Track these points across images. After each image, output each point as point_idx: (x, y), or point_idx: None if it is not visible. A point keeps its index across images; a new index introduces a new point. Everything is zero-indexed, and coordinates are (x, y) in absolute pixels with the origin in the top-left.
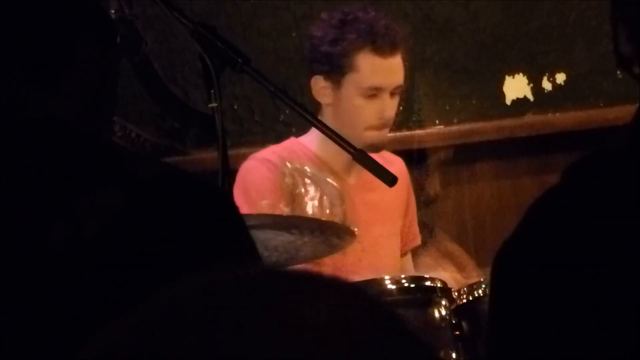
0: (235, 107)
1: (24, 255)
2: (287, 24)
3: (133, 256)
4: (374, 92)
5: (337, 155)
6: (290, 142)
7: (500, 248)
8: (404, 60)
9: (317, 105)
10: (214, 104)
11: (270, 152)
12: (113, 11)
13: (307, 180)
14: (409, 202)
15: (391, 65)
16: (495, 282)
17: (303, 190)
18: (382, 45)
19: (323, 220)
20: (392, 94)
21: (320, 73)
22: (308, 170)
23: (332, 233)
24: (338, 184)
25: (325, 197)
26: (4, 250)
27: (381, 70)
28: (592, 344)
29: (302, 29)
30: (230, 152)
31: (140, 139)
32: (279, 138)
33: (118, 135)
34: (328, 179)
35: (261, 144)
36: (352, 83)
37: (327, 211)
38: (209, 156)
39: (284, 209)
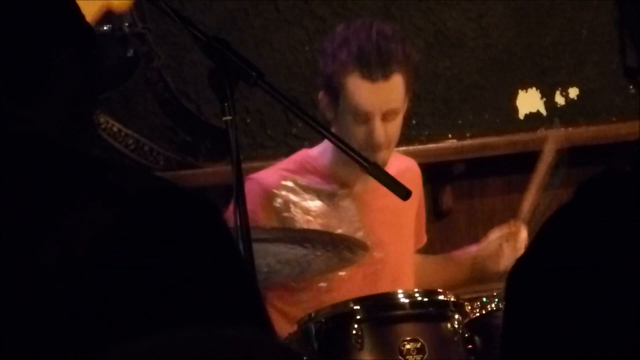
0: (248, 120)
1: (15, 273)
2: (300, 39)
3: (123, 272)
4: (363, 116)
5: (348, 166)
6: (301, 155)
7: (514, 263)
8: (406, 80)
9: (326, 120)
10: (228, 118)
11: (267, 173)
12: (127, 24)
13: (309, 196)
14: (420, 205)
15: (381, 90)
16: (509, 297)
17: (300, 209)
18: (371, 70)
19: (335, 234)
20: (385, 118)
21: (322, 89)
22: (313, 185)
23: (345, 247)
24: (349, 194)
25: (333, 211)
26: None
27: (368, 95)
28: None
29: (314, 43)
30: (243, 166)
31: (153, 152)
32: (291, 151)
33: (131, 149)
34: (339, 191)
35: (273, 158)
36: (345, 104)
37: (337, 223)
38: (222, 170)
39: None
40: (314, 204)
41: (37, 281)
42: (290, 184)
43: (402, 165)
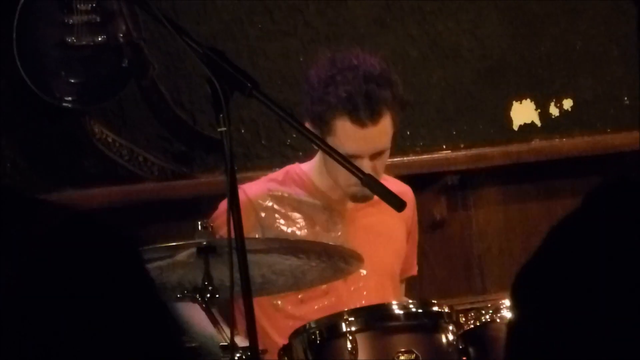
0: (242, 130)
1: None
2: (294, 49)
3: (28, 331)
4: (350, 156)
5: (332, 185)
6: (290, 167)
7: (519, 271)
8: (394, 117)
9: None
10: (223, 129)
11: (268, 179)
12: (121, 34)
13: (296, 209)
14: (411, 231)
15: (370, 134)
16: (514, 305)
17: (285, 220)
18: (360, 117)
19: (330, 245)
20: (373, 157)
21: (309, 121)
22: (299, 197)
23: (339, 258)
24: (335, 211)
25: (317, 226)
26: None
27: (358, 140)
28: None
29: (309, 53)
30: (237, 176)
31: (147, 162)
32: (285, 162)
33: (125, 159)
34: (325, 207)
35: (268, 168)
36: (332, 144)
37: (326, 236)
38: (216, 180)
39: None
40: (299, 216)
41: None
42: (277, 194)
43: (396, 189)
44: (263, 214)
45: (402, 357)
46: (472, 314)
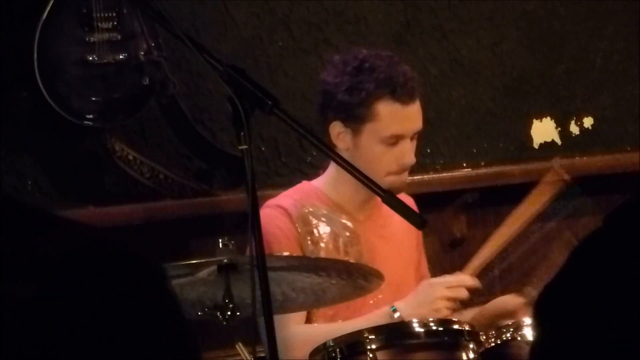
0: (262, 148)
1: None
2: (315, 67)
3: (45, 355)
4: (394, 140)
5: (349, 196)
6: (302, 185)
7: (542, 291)
8: (420, 100)
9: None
10: (244, 147)
11: (283, 197)
12: (142, 52)
13: (322, 222)
14: (418, 238)
15: (411, 112)
16: (538, 324)
17: (317, 233)
18: (401, 94)
19: (351, 262)
20: (412, 138)
21: (337, 119)
22: (322, 211)
23: (360, 275)
24: (352, 223)
25: (340, 239)
26: None
27: (402, 119)
28: None
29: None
30: (257, 194)
31: (168, 180)
32: (305, 179)
33: (146, 177)
34: (342, 220)
35: (288, 185)
36: (372, 131)
37: (342, 252)
38: (236, 197)
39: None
40: (324, 230)
41: None
42: (304, 210)
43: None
44: (301, 227)
45: None
46: (493, 332)
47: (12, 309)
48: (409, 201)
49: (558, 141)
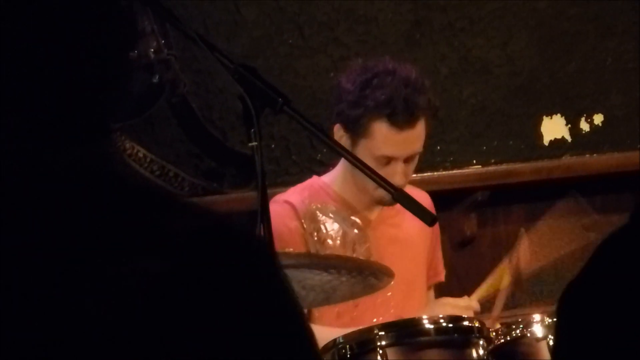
0: (273, 146)
1: (63, 348)
2: (325, 66)
3: (177, 336)
4: (386, 160)
5: (358, 194)
6: (312, 181)
7: (567, 286)
8: (427, 122)
9: None
10: (254, 143)
11: (292, 193)
12: (152, 51)
13: (330, 219)
14: (433, 237)
15: (407, 137)
16: (561, 319)
17: (325, 230)
18: (398, 120)
19: (361, 260)
20: (406, 160)
21: (340, 123)
22: (330, 208)
23: (370, 273)
24: (361, 221)
25: (348, 236)
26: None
27: (395, 143)
28: None
29: (339, 70)
30: (267, 192)
31: (178, 178)
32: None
33: (156, 175)
34: (352, 217)
35: (298, 184)
36: (366, 147)
37: (351, 250)
38: (246, 196)
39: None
40: (332, 227)
41: (89, 353)
42: (312, 207)
43: (415, 197)
44: (308, 224)
45: None
46: (502, 329)
47: (144, 284)
48: (424, 197)
49: (568, 138)
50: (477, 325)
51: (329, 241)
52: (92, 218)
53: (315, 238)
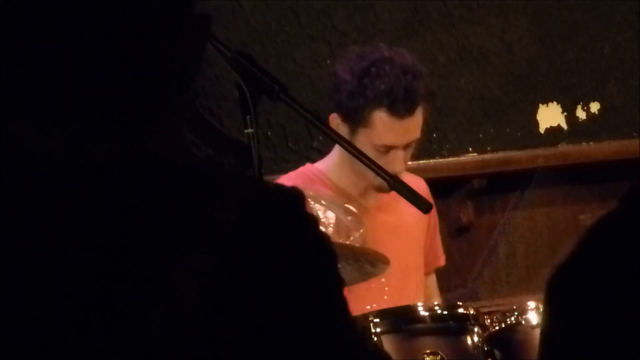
0: (269, 134)
1: (125, 345)
2: (322, 53)
3: (238, 328)
4: (386, 149)
5: (355, 181)
6: (305, 169)
7: (555, 271)
8: (425, 109)
9: None
10: (251, 130)
11: (285, 181)
12: None
13: (323, 207)
14: (430, 222)
15: (407, 126)
16: (549, 304)
17: (318, 217)
18: (399, 109)
19: (357, 247)
20: (405, 148)
21: (338, 112)
22: (324, 196)
23: (366, 260)
24: (356, 209)
25: (343, 223)
26: (106, 334)
27: (396, 132)
28: None
29: (337, 58)
30: (265, 179)
31: None
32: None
33: None
34: (345, 205)
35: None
36: (366, 136)
37: (345, 237)
38: None
39: None
40: (325, 215)
41: (149, 345)
42: (306, 194)
43: (411, 183)
44: None
45: (427, 359)
46: (497, 316)
47: (198, 280)
48: (421, 184)
49: (564, 126)
50: (472, 312)
51: (324, 229)
52: (155, 223)
53: None
